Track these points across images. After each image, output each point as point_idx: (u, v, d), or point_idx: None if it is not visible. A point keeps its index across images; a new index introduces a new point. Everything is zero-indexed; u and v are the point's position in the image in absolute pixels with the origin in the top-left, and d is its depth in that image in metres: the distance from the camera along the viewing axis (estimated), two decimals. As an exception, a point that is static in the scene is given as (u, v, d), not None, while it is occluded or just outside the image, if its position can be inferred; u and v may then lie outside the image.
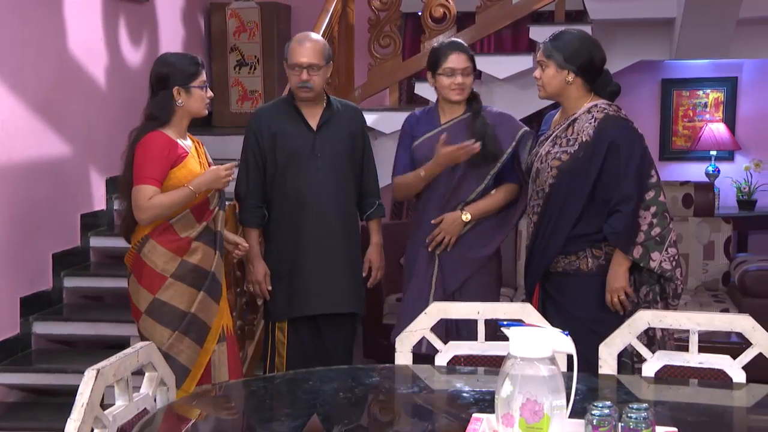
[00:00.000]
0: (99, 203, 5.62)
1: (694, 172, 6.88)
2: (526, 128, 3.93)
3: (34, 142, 4.96)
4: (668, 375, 2.78)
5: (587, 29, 5.73)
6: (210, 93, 3.72)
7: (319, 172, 4.02)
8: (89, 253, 5.48)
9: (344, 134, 4.09)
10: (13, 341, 4.81)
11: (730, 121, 7.05)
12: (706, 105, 7.13)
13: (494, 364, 2.91)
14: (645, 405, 2.01)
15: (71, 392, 4.66)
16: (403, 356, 2.85)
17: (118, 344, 5.15)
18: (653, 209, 3.49)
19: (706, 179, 6.82)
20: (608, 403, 2.03)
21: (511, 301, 5.74)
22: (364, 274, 4.16)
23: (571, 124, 3.56)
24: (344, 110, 4.15)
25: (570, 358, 2.13)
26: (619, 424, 2.00)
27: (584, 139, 3.49)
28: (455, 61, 3.88)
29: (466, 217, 3.88)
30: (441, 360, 2.86)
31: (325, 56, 3.99)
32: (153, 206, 3.51)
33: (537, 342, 2.03)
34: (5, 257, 4.71)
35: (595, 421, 1.99)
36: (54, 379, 4.74)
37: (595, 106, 3.54)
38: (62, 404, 4.69)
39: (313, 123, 4.04)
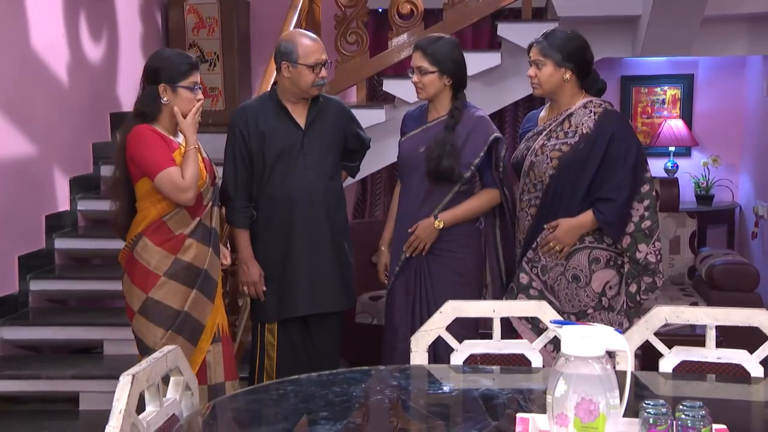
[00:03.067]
0: (63, 204, 5.49)
1: (654, 167, 6.87)
2: (497, 134, 3.89)
3: (-3, 141, 4.84)
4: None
5: (554, 26, 5.78)
6: (200, 96, 3.57)
7: (308, 171, 3.97)
8: (54, 255, 5.35)
9: (332, 131, 4.05)
10: (-20, 347, 4.70)
11: (687, 117, 7.17)
12: (663, 102, 7.23)
13: (508, 362, 2.91)
14: (699, 403, 2.01)
15: (44, 399, 4.63)
16: (418, 356, 2.82)
17: (87, 348, 5.07)
18: (647, 202, 3.58)
19: (665, 175, 6.92)
20: (661, 401, 2.03)
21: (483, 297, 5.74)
22: None
23: (567, 118, 3.62)
24: (328, 105, 4.10)
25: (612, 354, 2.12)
26: (675, 422, 2.00)
27: (585, 131, 3.56)
28: (413, 58, 3.91)
29: (439, 224, 3.85)
30: (457, 359, 2.84)
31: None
32: (192, 180, 3.44)
33: (590, 340, 2.02)
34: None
35: (651, 420, 1.98)
36: (24, 386, 4.63)
37: (591, 101, 3.64)
38: (35, 411, 4.62)
39: (301, 121, 3.98)
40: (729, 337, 3.60)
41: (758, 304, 5.50)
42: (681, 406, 2.01)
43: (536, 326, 3.58)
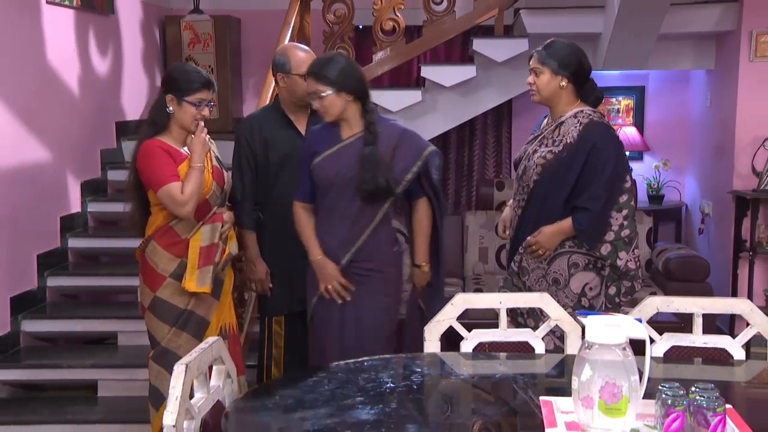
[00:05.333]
0: (75, 206, 5.39)
1: (611, 170, 7.01)
2: (433, 148, 3.50)
3: (17, 148, 4.74)
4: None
5: (524, 42, 5.82)
6: (206, 112, 3.45)
7: None
8: (68, 253, 5.25)
9: None
10: (3, 339, 4.59)
11: (639, 125, 7.21)
12: (618, 111, 7.27)
13: (515, 350, 2.91)
14: (711, 385, 2.02)
15: (65, 387, 4.55)
16: (431, 345, 2.80)
17: (99, 339, 5.00)
18: (625, 212, 3.46)
19: (621, 177, 6.97)
20: (676, 384, 2.03)
21: (464, 291, 5.75)
22: None
23: (558, 126, 3.53)
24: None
25: (631, 342, 2.11)
26: (691, 403, 1.99)
27: (569, 141, 3.46)
28: (308, 86, 3.46)
29: (426, 268, 3.60)
30: (466, 347, 2.83)
31: None
32: (190, 196, 3.33)
33: (613, 329, 2.02)
34: (-5, 259, 4.51)
35: (670, 401, 1.98)
36: (45, 375, 4.55)
37: (582, 111, 3.51)
38: (57, 398, 4.55)
39: (302, 129, 3.93)
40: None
41: (709, 292, 5.57)
42: (694, 389, 2.01)
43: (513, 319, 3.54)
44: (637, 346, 2.79)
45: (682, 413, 1.97)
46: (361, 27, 6.85)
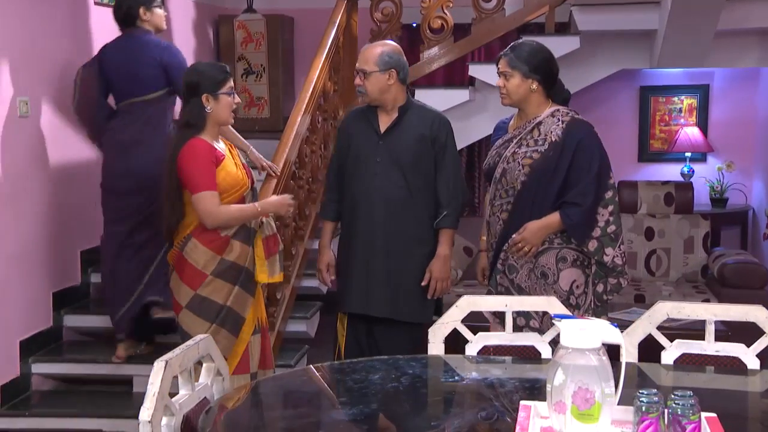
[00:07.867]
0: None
1: (671, 172, 6.90)
2: None
3: (66, 142, 4.93)
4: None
5: (575, 40, 5.75)
6: (237, 99, 3.65)
7: (375, 177, 3.85)
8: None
9: (410, 140, 3.83)
10: (46, 333, 4.77)
11: (702, 125, 7.07)
12: (680, 110, 7.14)
13: (520, 354, 2.90)
14: (689, 392, 1.98)
15: (101, 380, 4.69)
16: (435, 347, 2.81)
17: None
18: (611, 208, 3.50)
19: (681, 179, 6.84)
20: (654, 390, 2.00)
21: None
22: (423, 284, 3.86)
23: (536, 126, 3.55)
24: (417, 115, 3.87)
25: (611, 347, 2.10)
26: (666, 410, 1.97)
27: (553, 139, 3.50)
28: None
29: None
30: (471, 350, 2.83)
31: (377, 63, 3.78)
32: (225, 212, 3.50)
33: (587, 333, 2.00)
34: (38, 254, 4.69)
35: (644, 408, 1.95)
36: (83, 369, 4.71)
37: (558, 110, 3.57)
38: (93, 392, 4.69)
39: (383, 128, 3.87)
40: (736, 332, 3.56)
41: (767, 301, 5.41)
42: (672, 395, 1.98)
43: (503, 321, 3.46)
44: (651, 354, 2.78)
45: (656, 420, 1.94)
46: (415, 24, 6.85)
